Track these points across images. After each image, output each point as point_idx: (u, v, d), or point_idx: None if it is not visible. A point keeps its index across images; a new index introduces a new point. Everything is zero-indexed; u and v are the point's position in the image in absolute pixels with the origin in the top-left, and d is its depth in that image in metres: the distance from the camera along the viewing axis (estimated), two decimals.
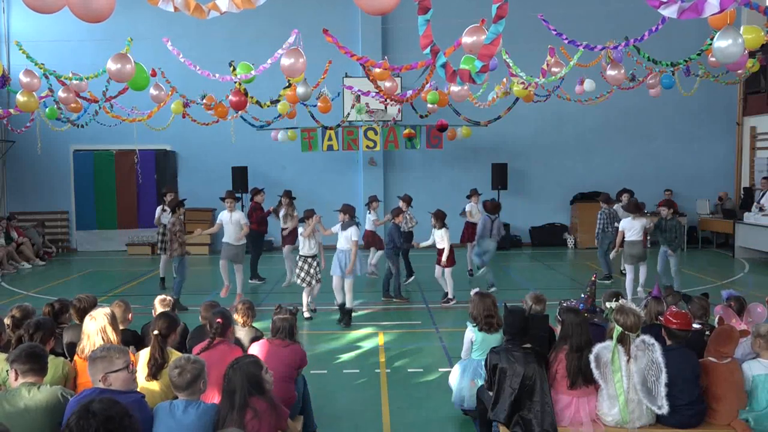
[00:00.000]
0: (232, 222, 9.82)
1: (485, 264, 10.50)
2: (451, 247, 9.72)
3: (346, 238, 8.79)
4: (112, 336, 4.30)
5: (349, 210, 9.02)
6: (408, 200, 11.07)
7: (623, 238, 9.84)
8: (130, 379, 3.52)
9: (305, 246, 8.95)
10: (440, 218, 9.82)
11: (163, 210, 11.39)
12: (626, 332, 4.31)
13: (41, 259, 14.87)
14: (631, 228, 9.75)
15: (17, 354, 3.65)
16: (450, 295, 9.91)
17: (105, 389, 3.38)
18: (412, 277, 11.28)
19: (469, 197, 12.07)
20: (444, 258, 9.72)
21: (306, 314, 9.03)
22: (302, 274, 8.97)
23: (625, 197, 11.97)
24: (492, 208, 10.62)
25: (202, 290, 10.71)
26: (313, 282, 9.02)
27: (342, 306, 8.87)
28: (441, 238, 9.74)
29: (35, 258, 14.70)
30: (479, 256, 10.56)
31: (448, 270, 9.83)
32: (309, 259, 8.96)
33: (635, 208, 9.94)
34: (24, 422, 3.40)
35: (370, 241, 11.64)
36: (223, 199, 10.21)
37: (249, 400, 3.55)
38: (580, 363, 4.32)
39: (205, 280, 12.05)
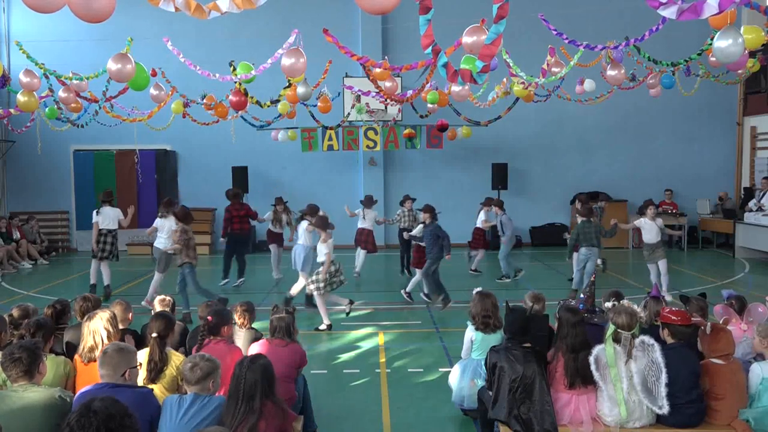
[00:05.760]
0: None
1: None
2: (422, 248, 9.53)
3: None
4: (106, 338, 4.25)
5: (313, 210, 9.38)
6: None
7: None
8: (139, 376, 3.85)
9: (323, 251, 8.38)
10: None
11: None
12: (619, 330, 4.30)
13: (42, 256, 14.90)
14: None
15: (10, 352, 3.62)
16: (425, 290, 9.83)
17: (115, 384, 3.53)
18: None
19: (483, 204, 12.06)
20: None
21: (326, 323, 8.46)
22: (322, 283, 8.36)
23: (650, 210, 10.32)
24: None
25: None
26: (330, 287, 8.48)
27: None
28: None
29: (40, 257, 14.77)
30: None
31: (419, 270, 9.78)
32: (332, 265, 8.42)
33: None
34: (20, 423, 3.40)
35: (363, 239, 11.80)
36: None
37: (264, 402, 3.56)
38: (577, 364, 4.32)
39: (206, 281, 12.03)
